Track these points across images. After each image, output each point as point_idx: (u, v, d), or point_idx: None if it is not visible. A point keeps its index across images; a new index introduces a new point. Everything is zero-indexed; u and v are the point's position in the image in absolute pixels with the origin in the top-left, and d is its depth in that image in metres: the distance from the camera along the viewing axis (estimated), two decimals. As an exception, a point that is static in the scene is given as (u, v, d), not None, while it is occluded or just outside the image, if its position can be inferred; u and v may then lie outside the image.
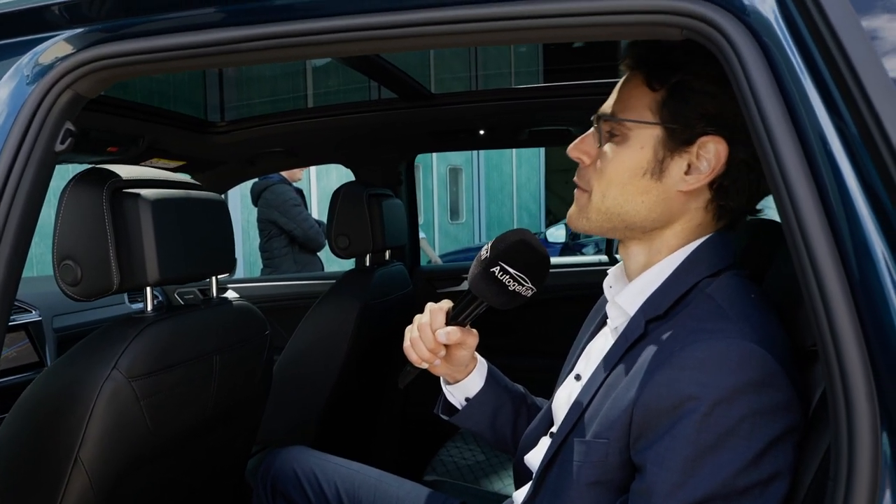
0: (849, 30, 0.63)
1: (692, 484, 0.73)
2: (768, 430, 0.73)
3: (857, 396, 0.60)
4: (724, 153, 0.84)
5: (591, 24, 0.78)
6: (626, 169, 0.88)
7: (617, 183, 0.88)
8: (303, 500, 1.36)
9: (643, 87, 0.87)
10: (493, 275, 0.96)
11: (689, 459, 0.74)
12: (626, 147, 0.88)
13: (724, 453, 0.73)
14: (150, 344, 1.14)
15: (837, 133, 0.64)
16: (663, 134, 0.86)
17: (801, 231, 0.65)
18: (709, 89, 0.84)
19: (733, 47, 0.69)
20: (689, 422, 0.74)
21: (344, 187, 2.13)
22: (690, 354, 0.76)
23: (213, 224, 1.33)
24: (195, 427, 1.29)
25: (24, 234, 0.93)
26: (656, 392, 0.77)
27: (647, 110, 0.87)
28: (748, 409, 0.73)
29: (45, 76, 0.94)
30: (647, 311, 0.87)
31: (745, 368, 0.74)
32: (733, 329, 0.77)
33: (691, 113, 0.85)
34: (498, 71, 2.39)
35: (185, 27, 0.93)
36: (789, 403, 0.74)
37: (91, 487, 1.09)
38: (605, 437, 0.83)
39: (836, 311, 0.62)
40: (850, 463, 0.59)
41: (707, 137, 0.85)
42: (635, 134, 0.87)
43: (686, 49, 0.82)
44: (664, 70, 0.86)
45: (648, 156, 0.87)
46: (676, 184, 0.87)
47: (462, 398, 1.16)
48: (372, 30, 0.87)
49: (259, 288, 2.87)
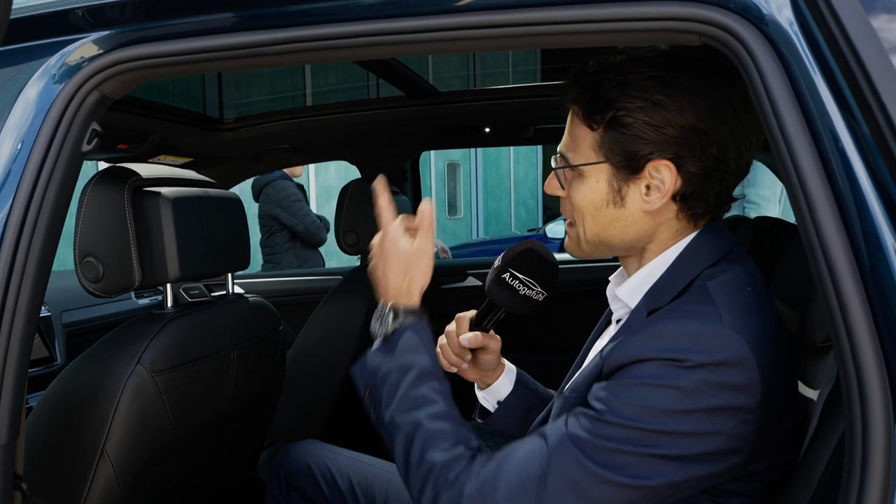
0: (863, 37, 0.66)
1: (619, 406, 0.79)
2: (709, 399, 0.77)
3: (871, 389, 0.63)
4: (674, 172, 0.88)
5: (610, 31, 0.80)
6: (589, 203, 0.93)
7: (588, 216, 0.93)
8: (317, 494, 1.38)
9: (583, 127, 0.92)
10: (505, 281, 1.06)
11: (621, 392, 0.79)
12: (584, 183, 0.92)
13: (662, 395, 0.77)
14: (172, 339, 1.16)
15: (851, 135, 0.67)
16: (612, 168, 0.90)
17: (815, 229, 0.68)
18: (640, 118, 0.86)
19: (751, 55, 0.71)
20: (644, 369, 0.79)
21: (352, 184, 2.15)
22: (664, 326, 0.81)
23: (229, 221, 1.35)
24: (213, 420, 1.32)
25: (53, 232, 0.95)
26: (623, 351, 0.82)
27: (590, 150, 0.91)
28: (701, 379, 0.77)
29: (72, 77, 0.96)
30: (649, 303, 0.90)
31: (713, 349, 0.77)
32: (712, 312, 0.81)
33: (631, 145, 0.87)
34: (496, 69, 2.41)
35: (208, 30, 0.95)
36: (746, 386, 0.77)
37: (116, 480, 1.12)
38: (578, 392, 0.89)
39: (849, 305, 0.65)
40: (865, 454, 0.62)
41: (654, 161, 0.88)
42: (588, 170, 0.92)
43: (616, 82, 0.87)
44: (597, 108, 0.89)
45: (605, 188, 0.91)
46: (640, 206, 0.91)
47: (494, 401, 1.23)
48: (389, 35, 0.89)
49: (263, 284, 2.88)
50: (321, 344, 2.03)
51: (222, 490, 1.55)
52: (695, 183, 0.88)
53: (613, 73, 0.88)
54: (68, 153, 0.96)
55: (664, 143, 0.86)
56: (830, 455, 0.74)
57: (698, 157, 0.87)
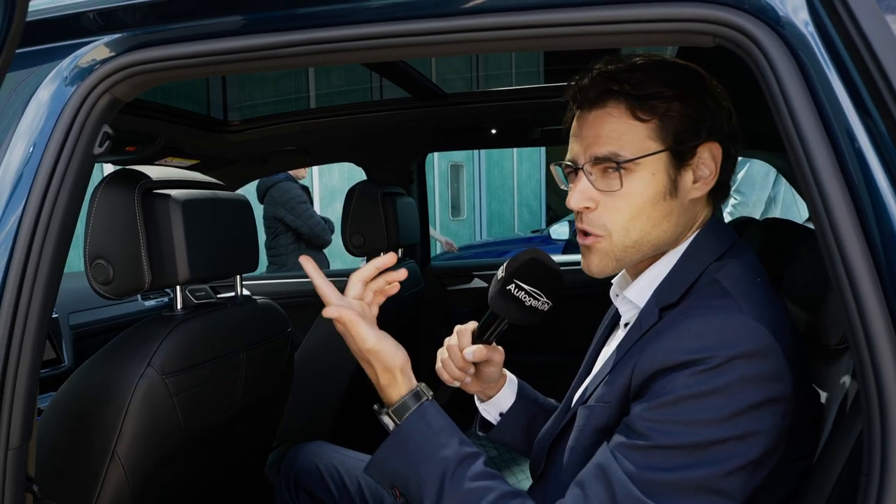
0: (881, 37, 0.65)
1: (666, 429, 0.78)
2: (750, 395, 0.77)
3: (890, 390, 0.62)
4: (719, 155, 0.91)
5: (625, 32, 0.80)
6: (647, 199, 0.90)
7: (642, 215, 0.91)
8: (326, 495, 1.38)
9: (631, 122, 0.90)
10: (510, 292, 1.02)
11: (668, 406, 0.79)
12: (637, 179, 0.90)
13: (705, 405, 0.77)
14: (182, 341, 1.17)
15: (868, 135, 0.67)
16: (668, 156, 0.90)
17: (832, 230, 0.68)
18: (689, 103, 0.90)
19: (766, 56, 0.71)
20: (679, 379, 0.79)
21: (359, 186, 2.15)
22: (689, 325, 0.81)
23: (238, 223, 1.35)
24: (222, 422, 1.32)
25: (65, 234, 0.95)
26: (653, 357, 0.82)
27: (648, 140, 0.89)
28: (738, 376, 0.77)
29: (84, 80, 0.96)
30: (659, 300, 0.91)
31: (740, 340, 0.78)
32: (732, 305, 0.82)
33: (686, 129, 0.90)
34: (502, 71, 2.41)
35: (219, 33, 0.95)
36: (778, 375, 0.78)
37: (127, 482, 1.12)
38: (608, 401, 0.88)
39: (867, 306, 0.65)
40: (884, 458, 0.62)
41: (704, 146, 0.91)
42: (643, 164, 0.89)
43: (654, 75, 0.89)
44: (647, 99, 0.89)
45: (663, 180, 0.90)
46: (689, 194, 0.92)
47: (496, 414, 1.21)
48: (396, 37, 0.89)
49: (270, 285, 2.89)
50: (328, 346, 2.03)
51: (231, 491, 1.55)
52: (726, 165, 0.93)
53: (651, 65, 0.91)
54: (80, 156, 0.96)
55: (711, 124, 0.90)
56: (847, 458, 0.73)
57: (729, 137, 0.91)
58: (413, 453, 0.89)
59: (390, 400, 0.93)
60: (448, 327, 3.17)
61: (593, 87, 0.91)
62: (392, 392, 0.93)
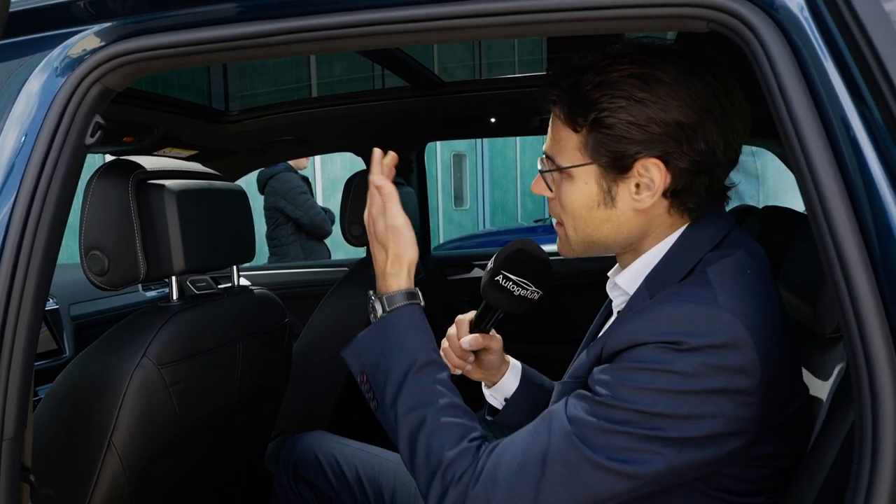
0: (876, 22, 0.64)
1: (619, 390, 0.79)
2: (708, 381, 0.77)
3: (881, 378, 0.62)
4: (663, 169, 0.87)
5: (619, 17, 0.79)
6: (580, 205, 0.91)
7: (579, 217, 0.92)
8: (324, 484, 1.39)
9: (566, 129, 0.90)
10: (499, 283, 1.05)
11: (618, 377, 0.80)
12: (573, 185, 0.91)
13: (660, 379, 0.77)
14: (178, 332, 1.17)
15: (863, 123, 0.66)
16: (599, 168, 0.88)
17: (826, 219, 0.67)
18: (624, 117, 0.84)
19: (760, 41, 0.70)
20: (644, 352, 0.79)
21: (357, 176, 2.15)
22: (661, 310, 0.81)
23: (234, 214, 1.35)
24: (220, 412, 1.32)
25: (57, 225, 0.94)
26: (621, 336, 0.82)
27: (576, 152, 0.89)
28: (700, 362, 0.77)
29: (74, 70, 0.95)
30: (651, 288, 0.90)
31: (709, 330, 0.77)
32: (708, 295, 0.81)
33: (616, 145, 0.86)
34: (501, 59, 2.39)
35: (211, 21, 0.94)
36: (745, 368, 0.77)
37: (123, 471, 1.12)
38: (579, 376, 0.90)
39: (860, 296, 0.64)
40: (875, 447, 0.61)
41: (642, 160, 0.86)
42: (576, 172, 0.90)
43: (596, 82, 0.85)
44: (579, 110, 0.87)
45: (594, 190, 0.90)
46: (630, 205, 0.90)
47: (501, 399, 1.24)
48: (394, 24, 0.88)
49: (268, 276, 2.89)
50: (327, 336, 2.03)
51: (229, 481, 1.56)
52: (684, 178, 0.87)
53: (593, 72, 0.86)
54: (72, 146, 0.95)
55: (650, 141, 0.85)
56: (840, 446, 0.73)
57: (685, 152, 0.85)
58: (390, 343, 0.94)
59: (388, 289, 0.96)
60: (448, 316, 3.16)
61: (542, 89, 0.93)
62: (392, 282, 0.96)
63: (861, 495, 0.62)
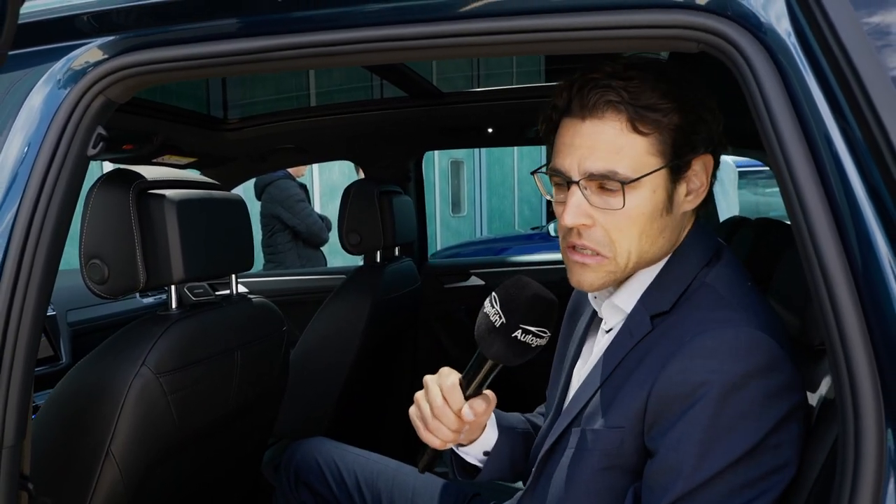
0: (859, 47, 0.66)
1: (706, 466, 0.78)
2: (776, 411, 0.78)
3: (864, 393, 0.63)
4: (710, 166, 0.90)
5: (613, 38, 0.81)
6: (646, 217, 0.87)
7: (642, 233, 0.88)
8: (325, 489, 1.40)
9: (631, 135, 0.86)
10: (517, 339, 0.90)
11: (703, 442, 0.78)
12: (638, 195, 0.86)
13: (736, 434, 0.77)
14: (176, 341, 1.18)
15: (844, 139, 0.68)
16: (667, 171, 0.88)
17: (810, 235, 0.69)
18: (685, 115, 0.87)
19: (748, 63, 0.72)
20: (703, 407, 0.78)
21: (355, 185, 2.16)
22: (701, 343, 0.81)
23: (233, 223, 1.36)
24: (218, 420, 1.33)
25: (60, 234, 0.96)
26: (669, 380, 0.81)
27: (648, 156, 0.86)
28: (758, 393, 0.78)
29: (78, 82, 0.97)
30: (649, 307, 0.90)
31: (753, 354, 0.79)
32: (739, 318, 0.82)
33: (684, 143, 0.88)
34: (500, 70, 2.41)
35: (213, 36, 0.96)
36: (792, 383, 0.80)
37: (122, 480, 1.13)
38: (620, 426, 0.86)
39: (843, 311, 0.66)
40: (857, 457, 0.63)
41: (698, 158, 0.90)
42: (646, 180, 0.86)
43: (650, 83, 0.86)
44: (647, 111, 0.85)
45: (662, 196, 0.88)
46: (682, 207, 0.91)
47: (479, 453, 1.10)
48: (395, 41, 0.90)
49: (266, 283, 2.90)
50: (325, 343, 2.04)
51: (227, 489, 1.56)
52: (713, 173, 0.92)
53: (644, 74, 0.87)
54: (74, 157, 0.97)
55: (704, 136, 0.89)
56: (826, 457, 0.75)
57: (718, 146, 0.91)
58: None
59: None
60: (445, 325, 3.17)
61: (591, 95, 0.86)
62: None
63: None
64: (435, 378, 0.98)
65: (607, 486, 0.88)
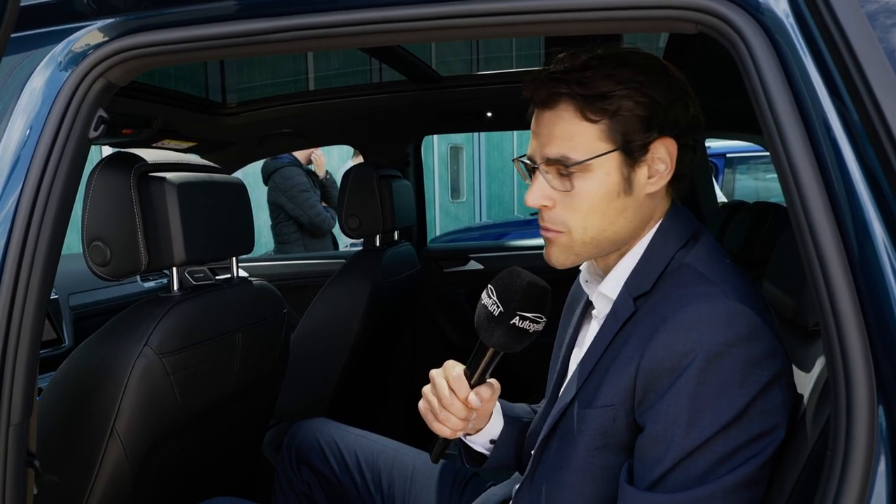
0: (857, 27, 0.67)
1: (694, 434, 0.81)
2: (759, 378, 0.80)
3: (856, 372, 0.65)
4: (674, 149, 0.91)
5: (609, 18, 0.81)
6: (601, 198, 0.92)
7: (596, 212, 0.92)
8: (326, 469, 1.43)
9: (582, 122, 0.90)
10: (515, 326, 0.95)
11: (689, 411, 0.81)
12: (591, 179, 0.91)
13: (721, 402, 0.80)
14: (178, 322, 1.19)
15: (842, 123, 0.68)
16: (621, 155, 0.91)
17: (806, 217, 0.69)
18: (640, 101, 0.89)
19: (746, 44, 0.72)
20: (687, 377, 0.81)
21: (354, 169, 2.17)
22: (683, 317, 0.83)
23: (234, 206, 1.37)
24: (219, 401, 1.35)
25: (62, 217, 0.96)
26: (655, 355, 0.84)
27: (598, 141, 0.90)
28: (740, 361, 0.80)
29: (78, 65, 0.97)
30: (631, 289, 0.93)
31: (733, 324, 0.81)
32: (718, 291, 0.85)
33: (637, 128, 0.90)
34: (499, 53, 2.40)
35: (213, 18, 0.96)
36: (773, 351, 0.82)
37: (126, 458, 1.15)
38: (611, 404, 0.89)
39: (837, 292, 0.67)
40: (848, 434, 0.64)
41: (657, 142, 0.91)
42: (595, 164, 0.90)
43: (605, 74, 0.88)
44: (596, 100, 0.89)
45: (615, 178, 0.91)
46: (643, 190, 0.93)
47: (486, 442, 1.14)
48: (392, 22, 0.90)
49: (267, 267, 2.91)
50: (325, 327, 2.05)
51: (229, 467, 1.59)
52: (684, 157, 0.93)
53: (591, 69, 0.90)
54: (76, 140, 0.97)
55: (664, 119, 0.90)
56: (819, 434, 0.76)
57: (685, 130, 0.92)
58: None
59: None
60: (444, 308, 3.18)
61: (543, 89, 0.92)
62: None
63: (834, 482, 0.65)
64: (440, 371, 1.02)
65: (602, 465, 0.91)
